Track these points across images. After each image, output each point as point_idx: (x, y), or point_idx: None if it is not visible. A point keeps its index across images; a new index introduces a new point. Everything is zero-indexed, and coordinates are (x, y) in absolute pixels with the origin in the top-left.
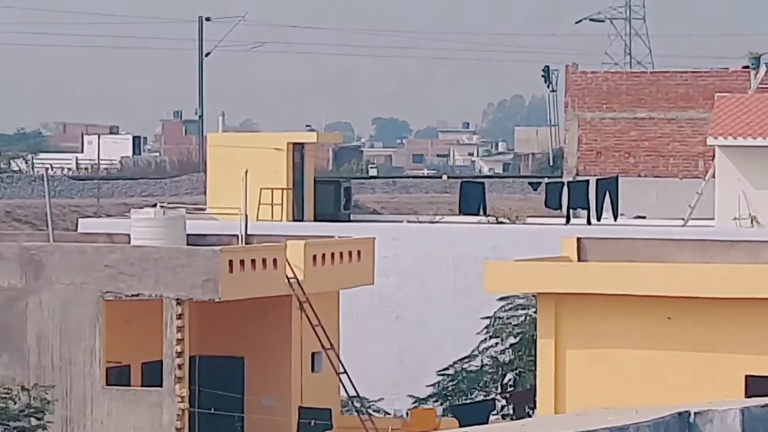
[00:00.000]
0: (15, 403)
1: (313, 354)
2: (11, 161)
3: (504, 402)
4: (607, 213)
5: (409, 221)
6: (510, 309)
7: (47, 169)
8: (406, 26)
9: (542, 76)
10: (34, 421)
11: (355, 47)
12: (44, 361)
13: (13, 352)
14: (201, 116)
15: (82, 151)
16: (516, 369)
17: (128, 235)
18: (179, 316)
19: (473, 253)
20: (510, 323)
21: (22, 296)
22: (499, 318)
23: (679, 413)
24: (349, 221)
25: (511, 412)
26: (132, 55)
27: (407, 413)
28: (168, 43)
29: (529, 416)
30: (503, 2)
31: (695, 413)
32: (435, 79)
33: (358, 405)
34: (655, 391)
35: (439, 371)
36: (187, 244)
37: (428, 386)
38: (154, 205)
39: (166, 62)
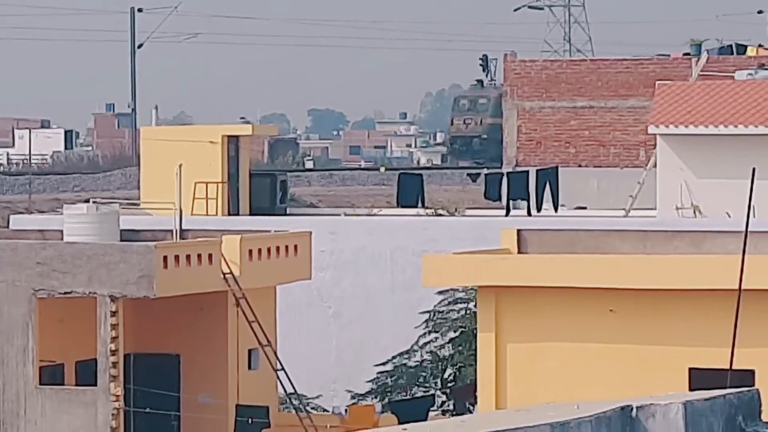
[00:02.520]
0: None
1: (249, 351)
2: None
3: (444, 397)
4: (547, 204)
5: (346, 214)
6: (449, 303)
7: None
8: (342, 16)
9: (480, 65)
10: None
11: (290, 38)
12: None
13: None
14: (134, 109)
15: (13, 146)
16: (456, 364)
17: (61, 232)
18: (113, 314)
19: (412, 246)
20: (449, 317)
21: None
22: (439, 312)
23: (622, 408)
24: (286, 215)
25: (451, 407)
26: (63, 48)
27: (346, 410)
28: (100, 34)
29: (470, 412)
30: None
31: (637, 407)
32: (371, 70)
33: (296, 402)
34: (598, 385)
35: (378, 366)
36: (121, 240)
37: (367, 382)
38: (87, 201)
39: (98, 54)
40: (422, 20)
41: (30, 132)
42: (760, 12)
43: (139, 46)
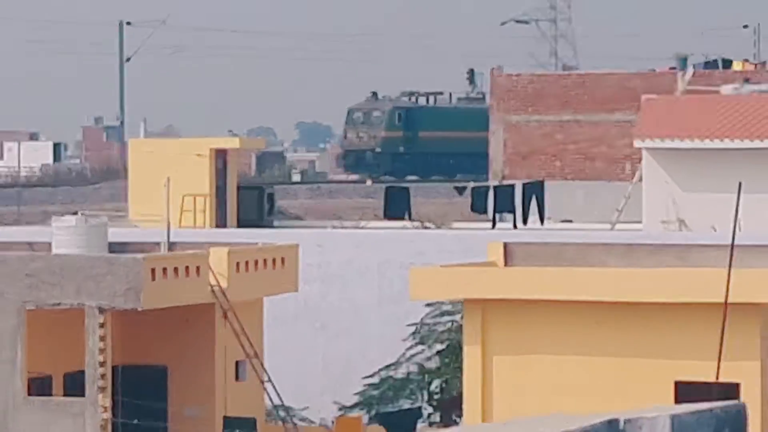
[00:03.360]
0: None
1: (237, 362)
2: None
3: (431, 410)
4: (533, 217)
5: (333, 227)
6: (436, 315)
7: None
8: (328, 29)
9: (467, 78)
10: None
11: (277, 51)
12: None
13: None
14: (122, 122)
15: (2, 158)
16: (443, 376)
17: (49, 244)
18: (101, 325)
19: (399, 259)
20: (436, 330)
21: None
22: (426, 324)
23: (609, 421)
24: (273, 227)
25: (438, 419)
26: (51, 60)
27: (333, 422)
28: (88, 47)
29: (457, 424)
30: (426, 3)
31: (624, 421)
32: (358, 83)
33: (283, 414)
34: (584, 398)
35: (365, 378)
36: (109, 252)
37: (354, 394)
38: (76, 213)
39: (86, 67)
40: (410, 33)
41: (19, 144)
42: (745, 27)
43: (128, 59)
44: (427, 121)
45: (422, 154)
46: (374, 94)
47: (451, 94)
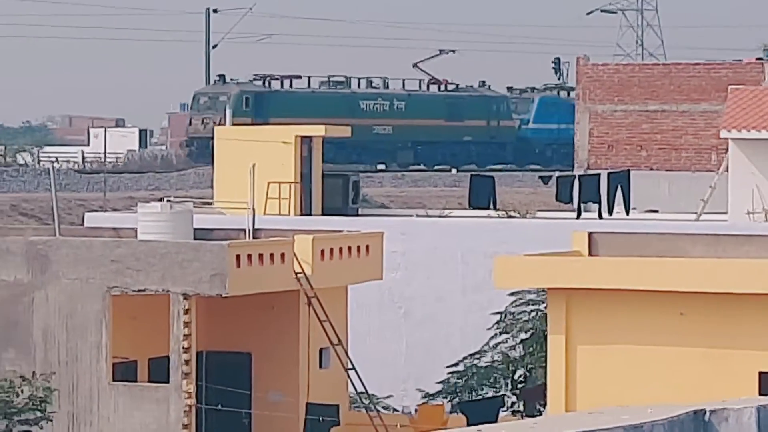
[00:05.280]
0: (18, 396)
1: (321, 350)
2: (17, 154)
3: (514, 398)
4: (618, 207)
5: (417, 215)
6: (521, 304)
7: (53, 162)
8: (416, 18)
9: (553, 67)
10: (39, 414)
11: (364, 38)
12: (50, 356)
13: (19, 348)
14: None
15: (88, 145)
16: (526, 365)
17: (135, 230)
18: (186, 312)
19: (483, 247)
20: (521, 319)
21: (28, 291)
22: (510, 313)
23: (695, 411)
24: (358, 215)
25: (521, 408)
26: (139, 47)
27: (415, 410)
28: (175, 35)
29: (540, 413)
30: None
31: (710, 411)
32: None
33: (366, 401)
34: (667, 389)
35: (449, 367)
36: (195, 239)
37: (438, 382)
38: (161, 199)
39: (173, 54)
40: (496, 23)
41: (105, 131)
42: None
43: (214, 47)
44: (281, 107)
45: None
46: (221, 76)
47: (309, 78)
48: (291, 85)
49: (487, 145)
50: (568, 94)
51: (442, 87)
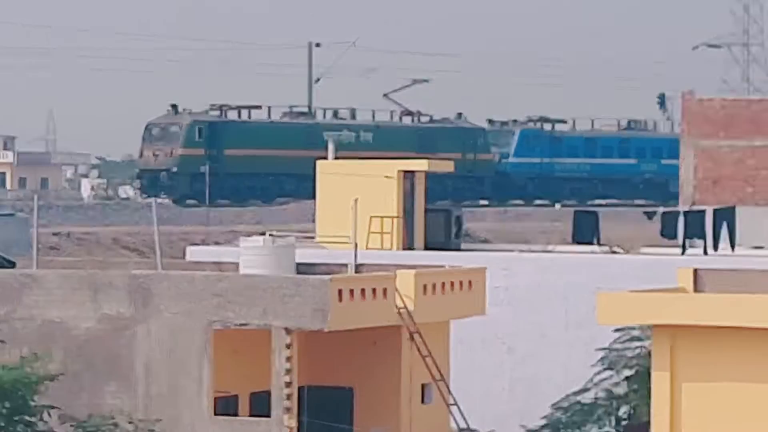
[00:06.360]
0: None
1: (423, 385)
2: (119, 188)
3: None
4: (724, 243)
5: (520, 251)
6: (626, 341)
7: (155, 196)
8: (516, 49)
9: (657, 102)
10: None
11: (470, 73)
12: (152, 390)
13: (121, 381)
14: None
15: None
16: (631, 402)
17: (237, 264)
18: (288, 346)
19: (586, 283)
20: (625, 355)
21: (131, 325)
22: (615, 350)
23: None
24: (460, 250)
25: None
26: (243, 80)
27: None
28: (277, 68)
29: None
30: (617, 27)
31: None
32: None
33: None
34: None
35: (553, 404)
36: (297, 273)
37: (541, 418)
38: (263, 234)
39: (276, 87)
40: (600, 57)
41: (208, 164)
42: None
43: (317, 81)
44: (236, 138)
45: (230, 175)
46: (174, 106)
47: (270, 108)
48: (249, 116)
49: (464, 179)
50: (553, 127)
51: (415, 119)
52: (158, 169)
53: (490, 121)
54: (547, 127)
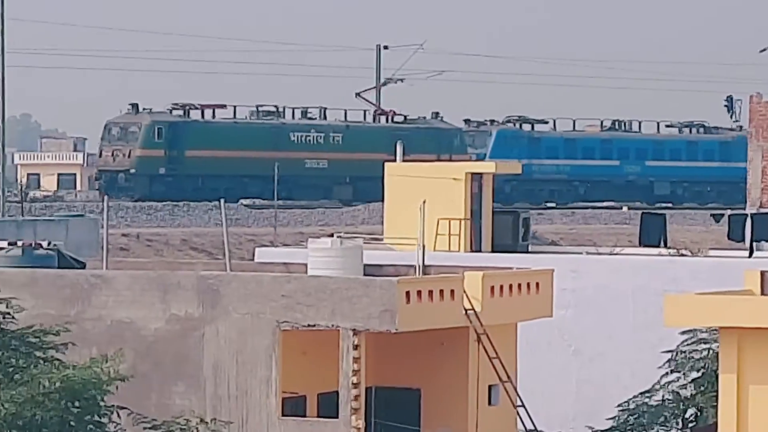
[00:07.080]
0: None
1: (490, 387)
2: None
3: None
4: None
5: (588, 253)
6: (693, 343)
7: (222, 198)
8: (581, 54)
9: (725, 105)
10: None
11: (530, 75)
12: (220, 391)
13: (190, 382)
14: None
15: None
16: (698, 404)
17: (305, 265)
18: (356, 347)
19: (653, 285)
20: (693, 357)
21: (199, 326)
22: (682, 352)
23: None
24: (527, 252)
25: None
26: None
27: None
28: (345, 71)
29: None
30: (684, 32)
31: None
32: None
33: None
34: None
35: (620, 405)
36: (364, 275)
37: (608, 419)
38: (331, 235)
39: (343, 90)
40: (666, 60)
41: (276, 166)
42: None
43: (384, 84)
44: (198, 139)
45: (190, 177)
46: (134, 105)
47: (235, 108)
48: (214, 115)
49: None
50: (533, 128)
51: (389, 118)
52: (116, 170)
53: (467, 121)
54: (527, 127)
